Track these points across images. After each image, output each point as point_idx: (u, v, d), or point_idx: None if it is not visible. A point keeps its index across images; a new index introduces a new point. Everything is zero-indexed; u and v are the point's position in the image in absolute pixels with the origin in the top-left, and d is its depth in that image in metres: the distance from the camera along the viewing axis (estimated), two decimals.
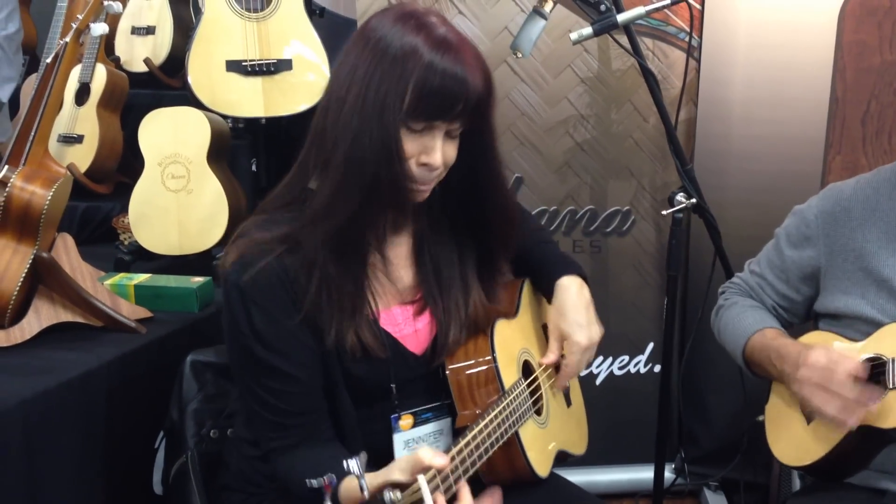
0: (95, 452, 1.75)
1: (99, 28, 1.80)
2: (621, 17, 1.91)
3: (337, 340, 1.37)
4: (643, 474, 2.63)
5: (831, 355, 1.52)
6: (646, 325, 2.70)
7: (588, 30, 1.92)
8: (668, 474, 2.71)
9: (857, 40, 2.41)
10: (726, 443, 2.61)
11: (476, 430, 1.32)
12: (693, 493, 2.76)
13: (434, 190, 1.41)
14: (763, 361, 1.70)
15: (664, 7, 1.93)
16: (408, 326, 1.48)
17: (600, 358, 2.73)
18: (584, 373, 2.69)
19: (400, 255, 1.49)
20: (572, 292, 1.59)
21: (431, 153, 1.31)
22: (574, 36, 1.93)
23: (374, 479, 1.16)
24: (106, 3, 1.82)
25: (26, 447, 1.57)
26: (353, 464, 1.11)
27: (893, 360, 1.50)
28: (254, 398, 1.39)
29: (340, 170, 1.30)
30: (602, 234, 2.66)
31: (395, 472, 1.17)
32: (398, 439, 1.47)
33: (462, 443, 1.28)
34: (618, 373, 2.75)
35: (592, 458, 2.68)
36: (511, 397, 1.44)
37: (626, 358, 2.74)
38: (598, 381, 2.75)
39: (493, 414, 1.37)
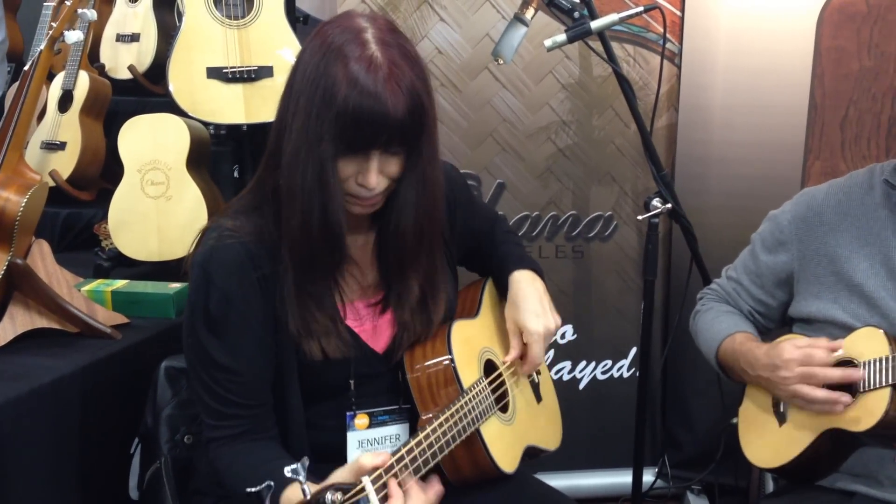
0: (70, 458, 1.75)
1: (73, 36, 1.81)
2: (595, 24, 1.92)
3: (298, 332, 1.38)
4: (626, 478, 2.62)
5: (802, 349, 1.55)
6: (628, 330, 2.71)
7: (562, 37, 1.93)
8: (652, 479, 2.72)
9: (836, 46, 2.42)
10: (709, 447, 2.61)
11: (430, 428, 1.34)
12: (677, 497, 2.76)
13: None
14: (734, 366, 1.72)
15: (636, 14, 1.93)
16: (369, 323, 1.50)
17: (583, 362, 2.74)
18: (566, 377, 2.73)
19: (363, 253, 1.50)
20: (524, 284, 1.62)
21: (366, 174, 1.33)
22: (548, 43, 1.94)
23: (314, 486, 1.16)
24: (80, 11, 1.82)
25: None
26: (297, 468, 1.12)
27: (866, 364, 1.51)
28: (199, 383, 1.41)
29: (286, 190, 1.35)
30: (584, 239, 2.66)
31: (336, 476, 1.19)
32: (352, 438, 1.48)
33: (413, 441, 1.29)
34: (601, 377, 2.75)
35: (576, 462, 2.72)
36: (469, 396, 1.45)
37: (609, 362, 2.75)
38: (581, 386, 2.75)
39: (448, 413, 1.39)
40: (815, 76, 2.44)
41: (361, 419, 1.48)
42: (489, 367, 1.59)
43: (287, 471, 1.12)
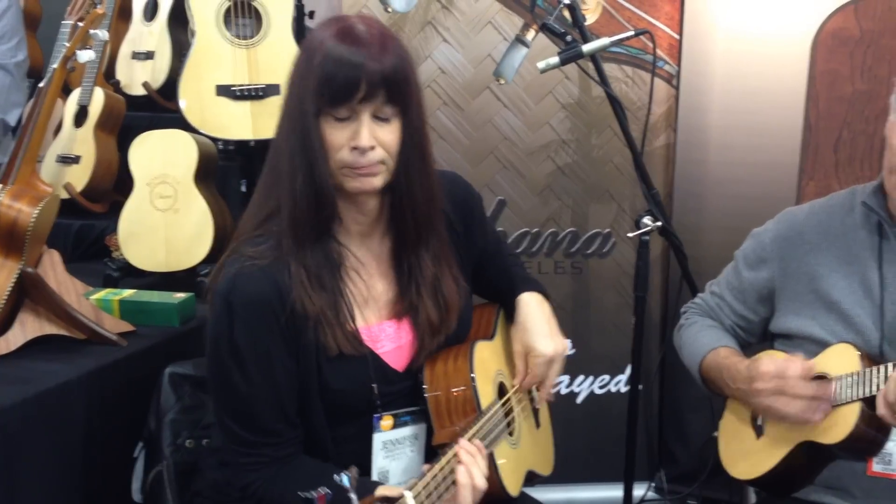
0: (75, 460, 1.81)
1: (85, 55, 1.89)
2: (587, 48, 1.99)
3: (315, 341, 1.39)
4: (622, 492, 2.67)
5: (777, 362, 1.60)
6: (626, 345, 2.72)
7: (555, 59, 1.99)
8: (650, 493, 2.75)
9: (830, 69, 2.47)
10: (705, 461, 2.65)
11: (451, 453, 1.35)
12: None
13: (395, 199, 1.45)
14: (716, 380, 1.76)
15: (628, 38, 1.99)
16: (389, 342, 1.51)
17: (581, 377, 2.78)
18: (564, 391, 2.78)
19: (379, 264, 1.51)
20: (532, 306, 1.64)
21: (357, 135, 1.34)
22: (541, 65, 2.00)
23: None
24: (92, 31, 1.91)
25: (4, 454, 1.63)
26: (344, 478, 1.14)
27: (837, 379, 1.55)
28: (228, 413, 1.42)
29: (284, 169, 1.39)
30: (583, 255, 2.72)
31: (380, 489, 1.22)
32: (377, 439, 1.48)
33: (444, 460, 1.32)
34: (598, 392, 2.79)
35: (572, 475, 2.75)
36: (487, 416, 1.47)
37: (607, 377, 2.79)
38: (578, 400, 2.79)
39: (471, 432, 1.41)
40: (810, 98, 2.50)
41: (387, 420, 1.49)
42: (500, 389, 1.61)
43: (336, 478, 1.14)
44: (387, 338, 1.51)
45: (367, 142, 1.35)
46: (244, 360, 1.37)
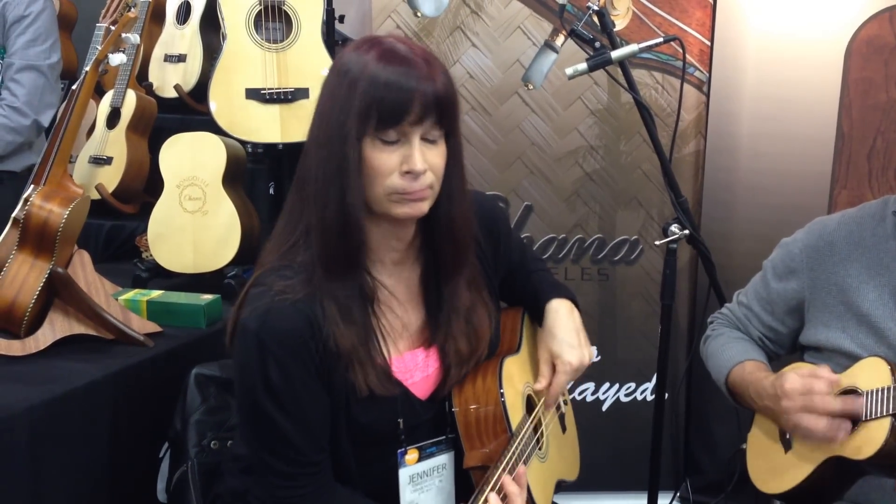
0: (100, 459, 1.83)
1: (116, 58, 1.92)
2: (615, 54, 1.97)
3: (346, 379, 1.36)
4: (646, 501, 2.65)
5: (804, 379, 1.57)
6: (653, 353, 2.70)
7: (583, 65, 1.99)
8: (675, 503, 2.73)
9: (864, 77, 2.44)
10: (730, 472, 2.62)
11: (493, 479, 1.34)
12: None
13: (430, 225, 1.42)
14: (743, 395, 1.74)
15: (657, 45, 1.98)
16: (419, 372, 1.48)
17: (607, 384, 2.77)
18: (590, 398, 2.77)
19: (409, 292, 1.49)
20: (562, 314, 1.60)
21: (410, 159, 1.30)
22: (569, 71, 1.99)
23: None
24: (124, 35, 1.93)
25: (31, 453, 1.65)
26: None
27: (867, 393, 1.53)
28: (267, 449, 1.38)
29: (314, 196, 1.34)
30: (610, 262, 2.70)
31: None
32: (403, 474, 1.46)
33: (484, 496, 1.32)
34: (624, 399, 2.78)
35: (597, 483, 2.74)
36: (518, 438, 1.45)
37: (633, 385, 2.77)
38: (604, 408, 2.78)
39: (505, 460, 1.39)
40: (843, 107, 2.47)
41: (412, 454, 1.46)
42: (528, 401, 1.59)
43: None
44: (416, 367, 1.48)
45: (421, 165, 1.31)
46: (280, 396, 1.34)
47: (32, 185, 1.96)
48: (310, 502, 1.40)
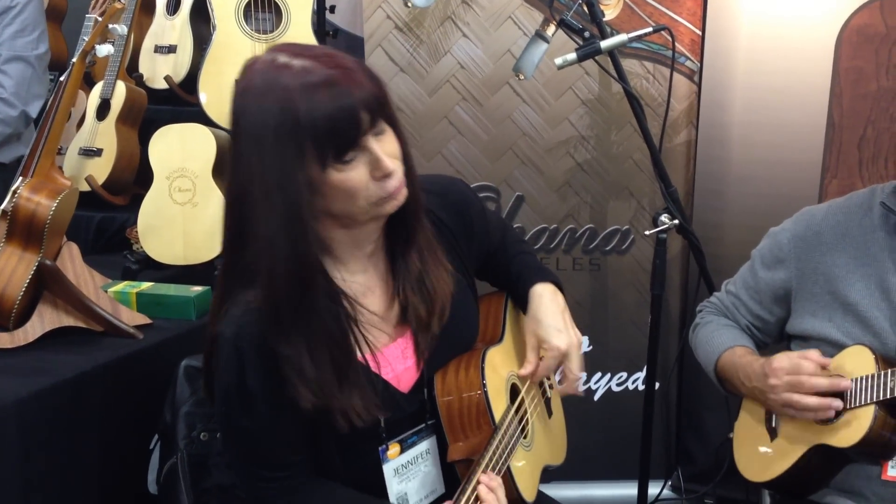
0: (90, 451, 1.84)
1: (104, 49, 1.91)
2: (605, 44, 1.97)
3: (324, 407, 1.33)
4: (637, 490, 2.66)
5: (792, 358, 1.59)
6: (644, 343, 2.68)
7: (572, 55, 1.98)
8: (666, 492, 2.74)
9: (854, 66, 2.44)
10: (721, 461, 2.63)
11: (475, 477, 1.35)
12: None
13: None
14: (732, 379, 1.75)
15: (646, 34, 1.98)
16: (398, 365, 1.46)
17: (598, 374, 2.77)
18: (581, 388, 2.76)
19: (378, 278, 1.46)
20: (546, 298, 1.58)
21: (379, 164, 1.27)
22: (559, 61, 1.99)
23: None
24: (111, 26, 1.92)
25: (21, 445, 1.66)
26: None
27: (852, 381, 1.54)
28: (243, 453, 1.40)
29: (261, 232, 1.27)
30: (601, 252, 2.70)
31: None
32: (388, 468, 1.46)
33: (468, 492, 1.33)
34: (616, 389, 2.78)
35: (588, 472, 2.75)
36: (501, 432, 1.44)
37: (625, 374, 2.78)
38: (596, 397, 2.79)
39: (487, 457, 1.39)
40: (834, 96, 2.46)
41: (393, 448, 1.46)
42: (513, 390, 1.58)
43: None
44: (396, 359, 1.46)
45: (391, 164, 1.29)
46: (255, 402, 1.33)
47: (21, 177, 1.95)
48: (288, 498, 1.40)
